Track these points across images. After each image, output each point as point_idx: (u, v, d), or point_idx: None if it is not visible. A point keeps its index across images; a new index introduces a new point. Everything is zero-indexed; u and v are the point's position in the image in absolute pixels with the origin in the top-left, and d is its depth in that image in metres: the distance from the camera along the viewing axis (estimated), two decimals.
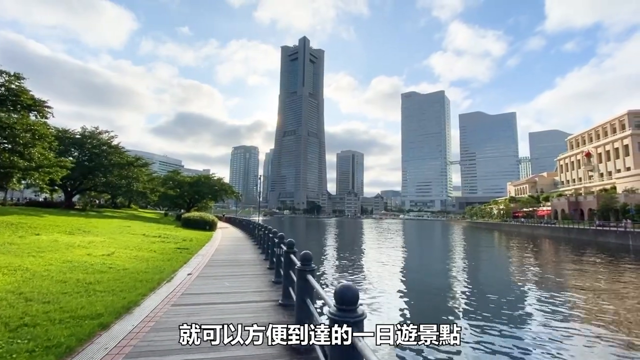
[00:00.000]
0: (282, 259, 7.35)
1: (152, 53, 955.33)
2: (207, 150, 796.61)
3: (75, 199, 61.09)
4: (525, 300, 13.53)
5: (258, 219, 46.46)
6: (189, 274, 8.36)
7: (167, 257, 10.73)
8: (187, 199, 49.36)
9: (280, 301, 5.69)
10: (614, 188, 61.89)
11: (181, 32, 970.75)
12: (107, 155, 32.72)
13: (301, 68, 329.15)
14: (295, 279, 4.51)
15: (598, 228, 46.08)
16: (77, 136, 32.94)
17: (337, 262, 23.45)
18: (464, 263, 25.82)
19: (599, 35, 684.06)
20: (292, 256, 5.56)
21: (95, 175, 32.49)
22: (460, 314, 11.53)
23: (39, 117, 21.87)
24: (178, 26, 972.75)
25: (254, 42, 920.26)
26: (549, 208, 74.41)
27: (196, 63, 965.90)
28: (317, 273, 15.61)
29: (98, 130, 34.49)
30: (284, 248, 6.01)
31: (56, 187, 35.56)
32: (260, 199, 70.93)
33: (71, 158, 30.92)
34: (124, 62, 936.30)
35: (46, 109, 21.89)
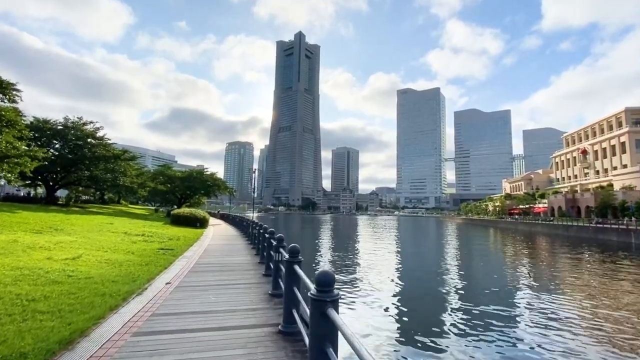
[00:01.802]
0: (283, 268, 5.95)
1: (149, 48, 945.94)
2: (202, 146, 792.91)
3: (63, 194, 58.95)
4: (530, 301, 12.50)
5: (252, 215, 44.95)
6: (167, 284, 6.91)
7: (145, 261, 9.24)
8: (178, 194, 47.53)
9: (281, 327, 4.28)
10: (611, 185, 61.45)
11: (178, 26, 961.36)
12: (91, 147, 30.72)
13: (296, 63, 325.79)
14: (305, 306, 3.15)
15: (598, 225, 45.44)
16: (59, 127, 30.81)
17: (333, 259, 22.08)
18: (465, 262, 24.71)
19: (594, 35, 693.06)
20: (297, 268, 4.15)
21: (79, 169, 30.50)
22: (462, 315, 10.58)
23: (5, 100, 19.90)
24: (175, 21, 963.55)
25: (252, 37, 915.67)
26: (546, 205, 73.89)
27: (193, 58, 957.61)
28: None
29: (82, 121, 32.39)
30: (285, 255, 4.61)
31: (39, 182, 33.59)
32: (255, 195, 69.31)
33: (52, 150, 28.95)
34: (120, 57, 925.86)
35: (14, 92, 19.89)
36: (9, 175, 19.68)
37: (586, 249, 31.59)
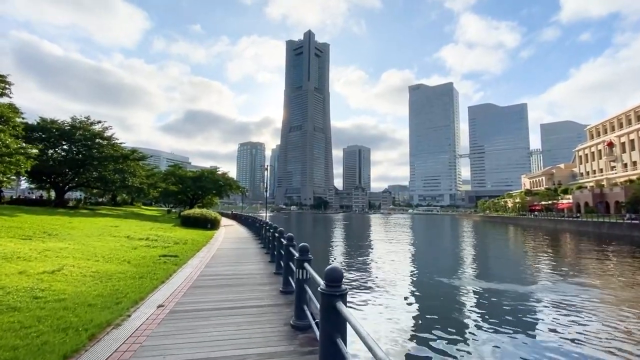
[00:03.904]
0: (308, 289, 4.33)
1: (164, 51, 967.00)
2: (216, 147, 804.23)
3: (77, 196, 59.01)
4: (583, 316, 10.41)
5: (265, 215, 43.65)
6: (159, 307, 5.40)
7: (140, 272, 7.80)
8: (189, 194, 46.69)
9: None
10: None
11: (193, 30, 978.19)
12: (100, 147, 29.84)
13: (306, 62, 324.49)
14: None
15: (633, 222, 42.37)
16: (67, 127, 29.99)
17: (351, 261, 20.40)
18: (495, 266, 22.67)
19: (615, 25, 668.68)
20: (342, 307, 2.54)
21: (87, 170, 29.66)
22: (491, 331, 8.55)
23: None
24: (190, 24, 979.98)
25: (264, 38, 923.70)
26: (570, 201, 70.47)
27: (207, 61, 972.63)
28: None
29: (90, 121, 31.58)
30: (320, 281, 3.02)
31: (48, 184, 33.04)
32: (267, 195, 68.03)
33: (60, 151, 28.15)
34: (136, 61, 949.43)
35: (3, 84, 18.77)
36: (1, 175, 18.46)
37: (623, 249, 28.90)
